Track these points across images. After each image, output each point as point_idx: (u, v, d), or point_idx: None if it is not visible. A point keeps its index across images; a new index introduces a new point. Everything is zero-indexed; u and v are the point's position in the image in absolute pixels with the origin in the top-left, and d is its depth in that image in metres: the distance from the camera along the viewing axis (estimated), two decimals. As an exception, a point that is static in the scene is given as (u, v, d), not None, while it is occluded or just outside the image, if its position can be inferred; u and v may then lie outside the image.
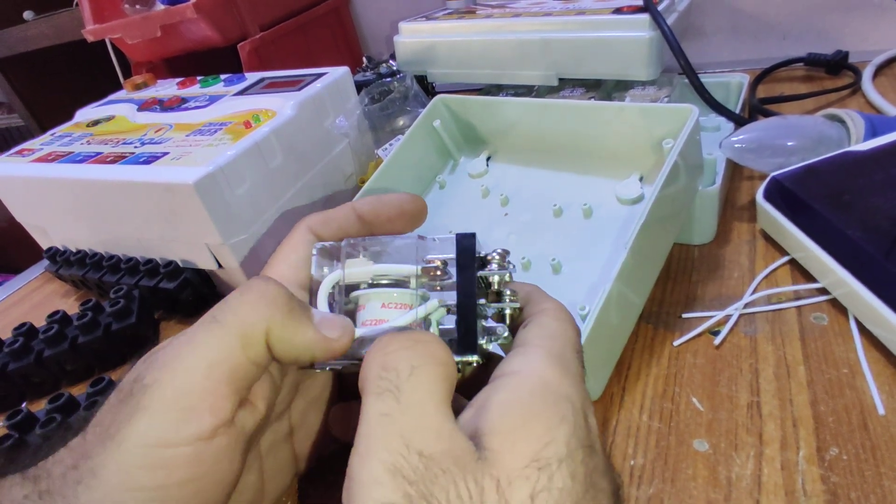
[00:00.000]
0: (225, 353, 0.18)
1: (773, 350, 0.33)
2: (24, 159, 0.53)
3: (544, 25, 0.57)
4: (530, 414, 0.17)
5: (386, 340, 0.19)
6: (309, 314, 0.20)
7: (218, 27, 0.69)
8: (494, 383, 0.18)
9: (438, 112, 0.47)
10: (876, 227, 0.33)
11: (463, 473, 0.15)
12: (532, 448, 0.16)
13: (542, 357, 0.19)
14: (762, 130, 0.43)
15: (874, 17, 0.66)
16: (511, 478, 0.15)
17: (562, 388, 0.18)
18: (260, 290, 0.19)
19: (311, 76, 0.54)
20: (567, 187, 0.42)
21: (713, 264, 0.40)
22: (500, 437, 0.16)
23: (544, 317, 0.21)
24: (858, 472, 0.26)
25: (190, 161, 0.43)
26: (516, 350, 0.20)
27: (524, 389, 0.17)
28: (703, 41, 0.75)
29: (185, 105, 0.56)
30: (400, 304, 0.21)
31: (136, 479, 0.17)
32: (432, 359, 0.18)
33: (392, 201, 0.24)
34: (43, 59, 1.10)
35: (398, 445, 0.16)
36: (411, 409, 0.17)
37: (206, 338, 0.18)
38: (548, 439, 0.16)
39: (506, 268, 0.21)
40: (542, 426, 0.16)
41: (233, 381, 0.18)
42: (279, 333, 0.19)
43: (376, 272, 0.22)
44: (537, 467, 0.15)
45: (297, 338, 0.19)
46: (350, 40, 0.91)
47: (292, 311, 0.19)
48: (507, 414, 0.17)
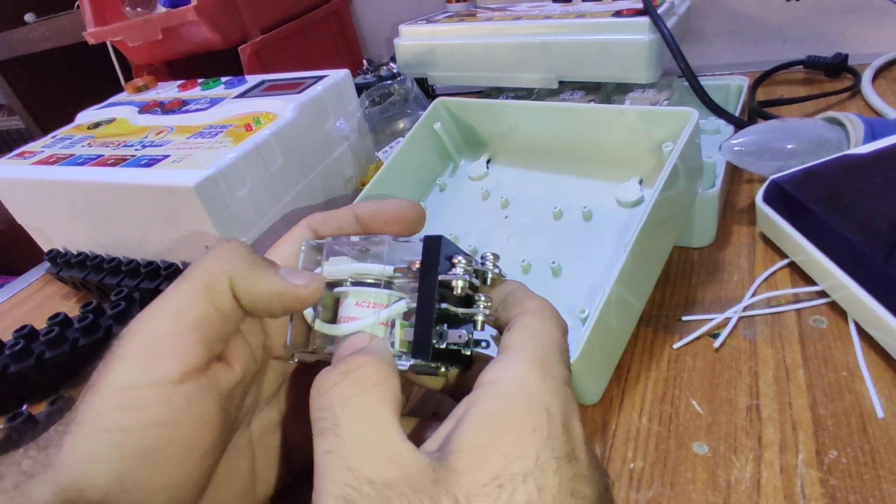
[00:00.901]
0: (189, 303, 0.19)
1: (773, 353, 0.33)
2: (26, 162, 0.53)
3: (544, 28, 0.58)
4: (499, 428, 0.17)
5: (320, 380, 0.19)
6: (275, 267, 0.21)
7: (219, 30, 0.69)
8: (473, 394, 0.18)
9: (439, 115, 0.47)
10: (875, 231, 0.33)
11: (418, 495, 0.15)
12: (495, 465, 0.16)
13: (522, 363, 0.18)
14: (762, 133, 0.43)
15: (874, 20, 0.66)
16: (470, 496, 0.15)
17: (540, 397, 0.17)
18: (223, 246, 0.21)
19: (312, 79, 0.54)
20: (567, 190, 0.42)
21: (713, 267, 0.40)
22: (465, 456, 0.16)
23: (527, 317, 0.21)
24: (857, 475, 0.26)
25: (191, 164, 0.43)
26: (499, 356, 0.19)
27: (500, 401, 0.17)
28: (703, 44, 0.75)
29: (186, 108, 0.56)
30: (374, 304, 0.22)
31: (108, 420, 0.18)
32: (364, 384, 0.18)
33: (390, 207, 0.24)
34: (44, 61, 1.10)
35: (346, 478, 0.16)
36: (353, 441, 0.17)
37: (174, 291, 0.19)
38: (514, 455, 0.16)
39: (469, 273, 0.21)
40: (510, 441, 0.16)
41: (199, 328, 0.19)
42: (242, 282, 0.20)
43: (354, 271, 0.22)
44: (498, 484, 0.15)
45: (262, 285, 0.20)
46: (350, 43, 0.91)
47: (255, 262, 0.20)
48: (477, 430, 0.17)
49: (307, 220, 0.25)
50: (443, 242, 0.21)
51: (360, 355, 0.19)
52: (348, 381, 0.18)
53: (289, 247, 0.24)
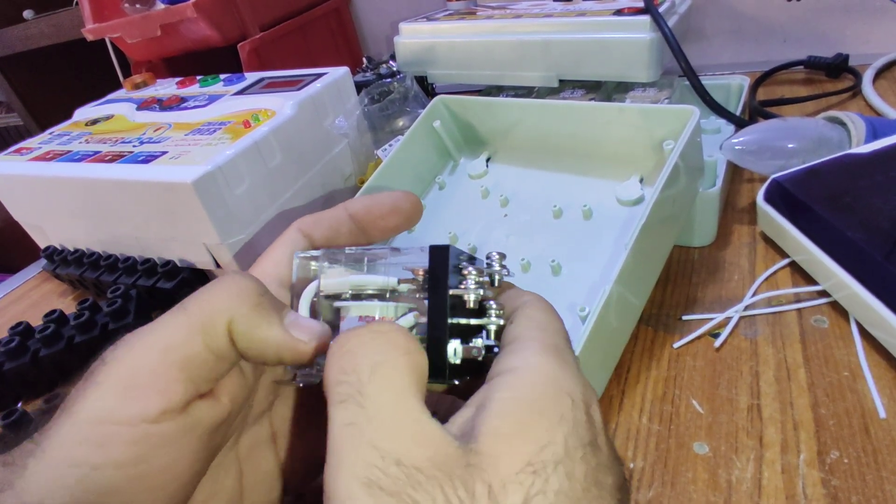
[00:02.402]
0: (182, 339, 0.18)
1: (774, 353, 0.33)
2: (23, 158, 0.53)
3: (545, 27, 0.57)
4: (528, 414, 0.16)
5: (343, 338, 0.17)
6: (280, 313, 0.19)
7: (218, 27, 0.68)
8: (492, 382, 0.17)
9: (438, 113, 0.47)
10: (877, 229, 0.33)
11: (451, 479, 0.14)
12: (528, 451, 0.15)
13: (537, 350, 0.18)
14: (763, 132, 0.43)
15: (874, 20, 0.66)
16: (505, 482, 0.14)
17: (561, 383, 0.17)
18: (230, 282, 0.19)
19: (311, 76, 0.54)
20: (567, 188, 0.42)
21: (713, 266, 0.40)
22: (495, 440, 0.15)
23: (528, 309, 0.20)
24: (859, 475, 0.26)
25: (189, 160, 0.43)
26: (509, 347, 0.19)
27: (523, 387, 0.17)
28: (704, 43, 0.75)
29: (185, 104, 0.56)
30: (380, 319, 0.21)
31: (74, 453, 0.16)
32: (395, 350, 0.17)
33: (385, 200, 0.23)
34: (42, 58, 1.10)
35: (371, 456, 0.15)
36: (380, 414, 0.15)
37: (168, 322, 0.18)
38: (545, 441, 0.15)
39: (482, 285, 0.20)
40: (540, 427, 0.15)
41: (187, 367, 0.18)
42: (242, 327, 0.18)
43: (354, 283, 0.21)
44: (532, 471, 0.15)
45: (261, 333, 0.19)
46: (350, 41, 0.91)
47: (259, 307, 0.19)
48: (505, 415, 0.16)
49: (298, 224, 0.23)
50: (450, 252, 0.20)
51: (386, 322, 0.18)
52: (379, 342, 0.17)
53: (281, 251, 0.22)
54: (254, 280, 0.19)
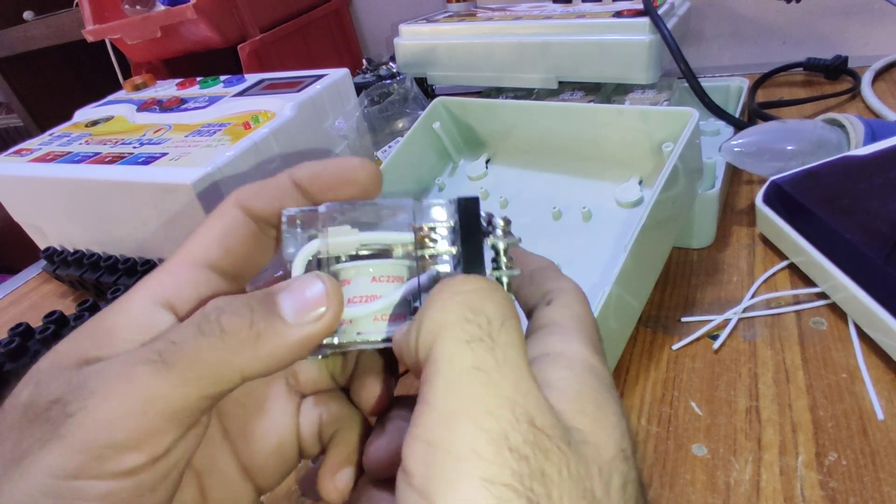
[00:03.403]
0: (169, 391, 0.15)
1: (772, 355, 0.33)
2: (23, 159, 0.53)
3: (544, 28, 0.57)
4: (601, 398, 0.15)
5: (462, 279, 0.16)
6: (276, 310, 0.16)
7: (218, 28, 0.69)
8: (542, 362, 0.16)
9: (438, 114, 0.47)
10: (875, 232, 0.33)
11: (573, 454, 0.13)
12: (615, 437, 0.14)
13: (581, 341, 0.17)
14: (762, 134, 0.43)
15: (874, 22, 0.66)
16: (609, 466, 0.14)
17: (606, 377, 0.16)
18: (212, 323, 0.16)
19: (311, 78, 0.54)
20: (566, 190, 0.42)
21: (712, 268, 0.40)
22: (587, 418, 0.14)
23: (567, 297, 0.19)
24: (857, 477, 0.26)
25: (188, 161, 0.43)
26: (548, 329, 0.17)
27: (579, 372, 0.15)
28: (703, 45, 0.75)
29: (185, 106, 0.56)
30: (393, 277, 0.19)
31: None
32: (512, 310, 0.15)
33: (336, 167, 0.19)
34: (42, 59, 1.10)
35: (504, 409, 0.13)
36: (509, 368, 0.14)
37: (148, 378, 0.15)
38: (621, 431, 0.15)
39: (512, 234, 0.19)
40: (613, 413, 0.15)
41: (177, 417, 0.15)
42: (257, 369, 0.16)
43: (364, 241, 0.19)
44: (623, 458, 0.14)
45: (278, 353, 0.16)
46: (350, 42, 0.91)
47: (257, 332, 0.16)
48: (582, 395, 0.15)
49: (236, 196, 0.19)
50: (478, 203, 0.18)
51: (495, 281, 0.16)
52: (503, 296, 0.15)
53: (212, 232, 0.19)
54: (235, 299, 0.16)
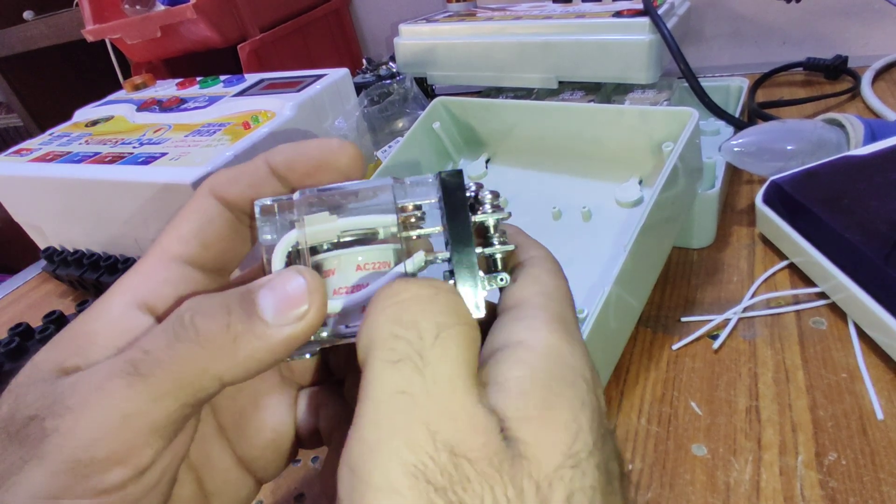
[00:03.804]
0: (145, 406, 0.14)
1: (772, 354, 0.33)
2: (23, 159, 0.53)
3: (544, 28, 0.57)
4: (552, 397, 0.14)
5: (397, 287, 0.15)
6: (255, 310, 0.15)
7: (218, 28, 0.68)
8: (499, 356, 0.15)
9: (438, 114, 0.47)
10: (875, 232, 0.33)
11: (500, 475, 0.13)
12: (564, 441, 0.13)
13: (545, 322, 0.16)
14: (762, 134, 0.43)
15: (873, 22, 0.66)
16: (550, 479, 0.13)
17: (573, 362, 0.15)
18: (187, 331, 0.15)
19: (311, 78, 0.54)
20: (566, 190, 0.42)
21: (712, 268, 0.40)
22: (530, 425, 0.13)
23: (534, 268, 0.18)
24: (857, 477, 0.26)
25: (188, 161, 0.43)
26: (512, 312, 0.16)
27: (537, 365, 0.15)
28: (703, 45, 0.75)
29: (185, 106, 0.56)
30: (379, 263, 0.18)
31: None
32: (461, 316, 0.14)
33: (313, 151, 0.18)
34: (42, 58, 1.10)
35: (423, 439, 0.13)
36: (439, 388, 0.13)
37: (123, 392, 0.14)
38: (575, 429, 0.14)
39: (501, 208, 0.17)
40: (567, 413, 0.14)
41: (157, 430, 0.15)
42: (237, 375, 0.15)
43: (344, 227, 0.17)
44: (571, 465, 0.13)
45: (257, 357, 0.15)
46: (350, 42, 0.91)
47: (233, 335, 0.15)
48: (530, 396, 0.14)
49: (209, 185, 0.18)
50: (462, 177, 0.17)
51: (443, 282, 0.15)
52: (441, 303, 0.14)
53: (188, 224, 0.18)
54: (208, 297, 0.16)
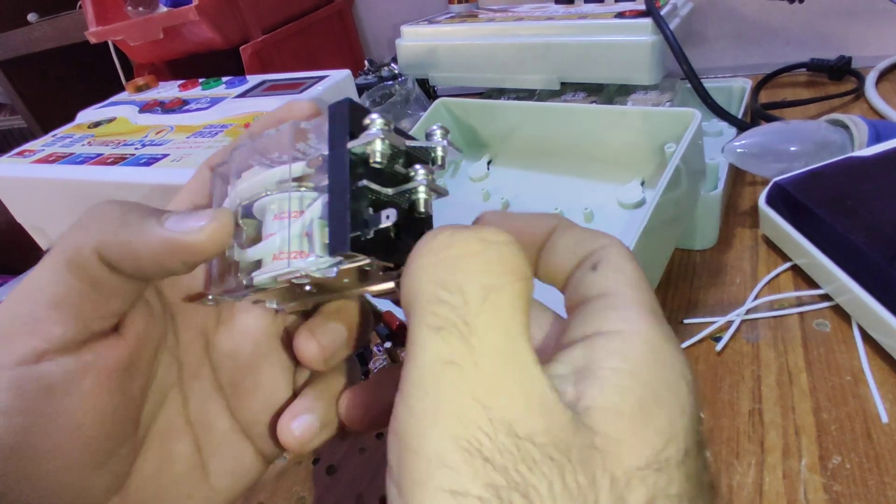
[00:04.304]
0: (47, 281, 0.17)
1: (776, 357, 0.32)
2: (25, 160, 0.53)
3: (546, 29, 0.57)
4: (652, 397, 0.13)
5: (444, 237, 0.14)
6: (159, 218, 0.17)
7: (220, 30, 0.69)
8: (594, 342, 0.14)
9: (440, 115, 0.47)
10: (880, 233, 0.33)
11: (570, 461, 0.12)
12: (653, 444, 0.13)
13: (641, 314, 0.14)
14: (765, 135, 0.43)
15: (877, 22, 0.66)
16: (629, 477, 0.12)
17: (675, 361, 0.14)
18: (90, 213, 0.17)
19: (313, 79, 0.54)
20: (568, 191, 0.42)
21: (715, 270, 0.40)
22: (617, 422, 0.13)
23: (613, 257, 0.16)
24: (861, 480, 0.26)
25: (190, 163, 0.43)
26: (601, 301, 0.15)
27: (637, 360, 0.14)
28: (706, 46, 0.75)
29: (187, 107, 0.56)
30: (295, 213, 0.17)
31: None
32: (512, 273, 0.13)
33: (277, 113, 0.20)
34: (45, 60, 1.10)
35: (475, 414, 0.12)
36: (490, 359, 0.12)
37: (32, 271, 0.17)
38: (669, 435, 0.13)
39: (387, 132, 0.16)
40: (664, 416, 0.13)
41: (62, 305, 0.16)
42: (116, 248, 0.17)
43: (269, 180, 0.18)
44: (656, 469, 0.12)
45: (140, 245, 0.16)
46: (352, 43, 0.91)
47: (126, 223, 0.17)
48: (624, 393, 0.13)
49: (207, 161, 0.21)
50: (351, 106, 0.16)
51: (495, 228, 0.14)
52: (493, 257, 0.13)
53: (189, 195, 0.20)
54: (118, 201, 0.18)
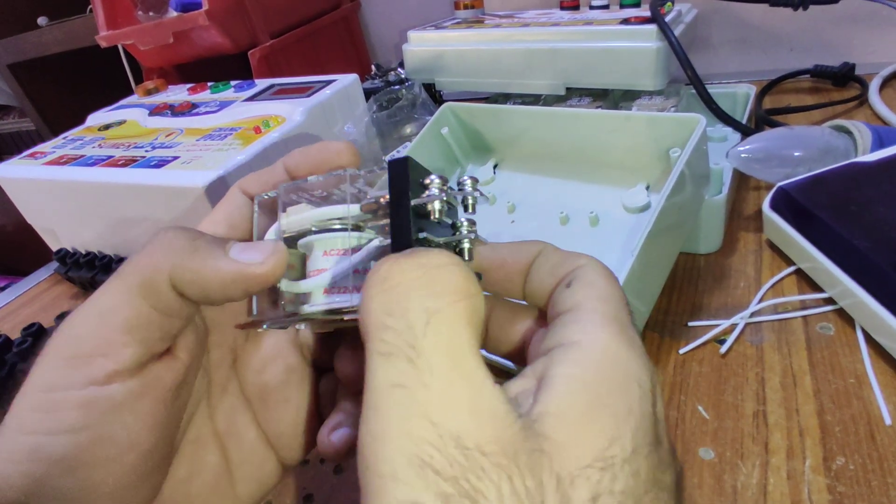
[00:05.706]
0: (119, 303, 0.17)
1: (780, 359, 0.33)
2: (37, 162, 0.53)
3: (552, 35, 0.58)
4: (598, 400, 0.14)
5: (385, 268, 0.15)
6: (224, 247, 0.18)
7: (229, 34, 0.69)
8: (553, 353, 0.15)
9: (446, 119, 0.47)
10: (883, 238, 0.33)
11: (517, 467, 0.12)
12: (598, 444, 0.13)
13: (601, 324, 0.15)
14: (769, 140, 0.43)
15: (881, 29, 0.66)
16: (573, 476, 0.13)
17: (629, 366, 0.15)
18: (161, 237, 0.18)
19: (321, 83, 0.54)
20: (574, 195, 0.42)
21: (719, 273, 0.40)
22: (562, 425, 0.13)
23: (588, 274, 0.17)
24: (865, 482, 0.26)
25: (200, 165, 0.44)
26: (568, 316, 0.16)
27: (589, 367, 0.15)
28: (711, 52, 0.75)
29: (196, 110, 0.57)
30: (343, 251, 0.19)
31: (26, 422, 0.17)
32: (454, 293, 0.14)
33: (314, 151, 0.21)
34: (56, 64, 1.11)
35: (423, 431, 0.13)
36: (436, 379, 0.13)
37: (104, 289, 0.18)
38: (614, 434, 0.14)
39: (446, 193, 0.17)
40: (609, 418, 0.14)
41: (132, 329, 0.17)
42: (187, 275, 0.17)
43: (317, 217, 0.19)
44: (601, 467, 0.13)
45: (209, 272, 0.17)
46: (359, 48, 0.92)
47: (198, 249, 0.18)
48: (572, 397, 0.14)
49: (239, 184, 0.22)
50: (410, 165, 0.17)
51: (435, 252, 0.15)
52: (433, 280, 0.14)
53: (223, 213, 0.22)
54: (185, 228, 0.19)
